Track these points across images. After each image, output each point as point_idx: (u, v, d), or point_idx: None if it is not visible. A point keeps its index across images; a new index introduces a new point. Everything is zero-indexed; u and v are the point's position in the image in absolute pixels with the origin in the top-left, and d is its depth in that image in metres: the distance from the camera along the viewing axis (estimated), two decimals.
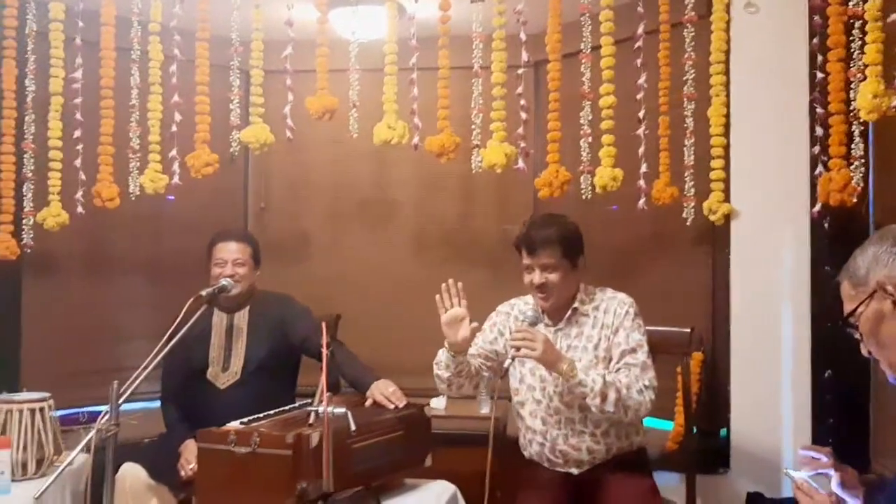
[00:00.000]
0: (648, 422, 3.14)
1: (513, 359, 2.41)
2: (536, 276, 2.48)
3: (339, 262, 4.14)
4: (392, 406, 2.55)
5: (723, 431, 3.20)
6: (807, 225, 3.01)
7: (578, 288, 2.55)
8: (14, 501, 2.57)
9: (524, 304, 2.62)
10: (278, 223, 4.20)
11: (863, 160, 2.77)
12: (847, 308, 1.63)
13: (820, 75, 2.87)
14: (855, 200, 2.79)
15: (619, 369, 2.41)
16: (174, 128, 3.48)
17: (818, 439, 2.97)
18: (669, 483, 2.92)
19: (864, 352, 1.63)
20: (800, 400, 3.03)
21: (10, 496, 2.60)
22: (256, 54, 3.48)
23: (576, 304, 2.52)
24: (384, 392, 2.58)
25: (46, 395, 2.84)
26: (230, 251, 2.96)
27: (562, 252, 2.47)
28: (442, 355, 2.53)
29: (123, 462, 2.72)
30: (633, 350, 2.42)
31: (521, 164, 3.36)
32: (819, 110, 2.88)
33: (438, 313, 2.51)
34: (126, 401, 2.22)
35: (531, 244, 2.48)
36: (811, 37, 2.94)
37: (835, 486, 1.76)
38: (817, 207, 2.90)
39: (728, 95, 3.13)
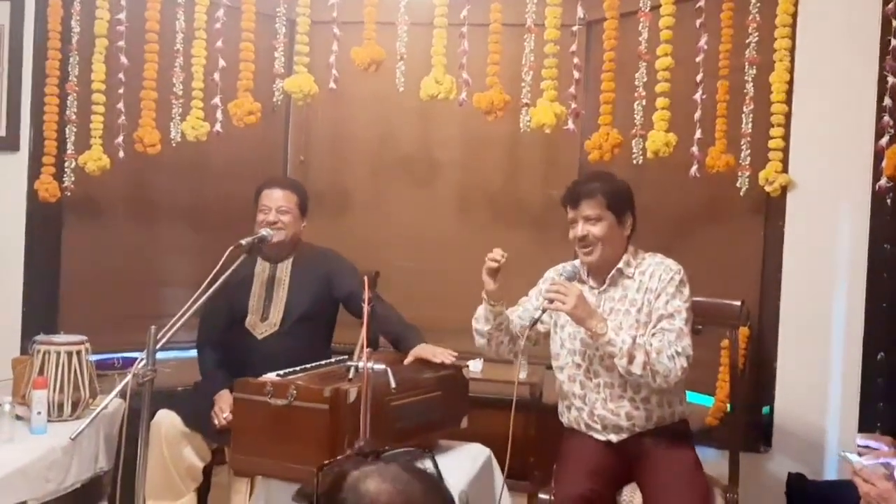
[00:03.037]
0: (689, 396, 3.07)
1: (544, 310, 2.40)
2: (579, 229, 2.44)
3: (379, 218, 4.08)
4: (439, 360, 2.50)
5: (765, 409, 3.12)
6: (867, 200, 2.89)
7: (626, 249, 2.47)
8: (49, 441, 2.60)
9: (571, 267, 2.56)
10: (318, 177, 4.13)
11: None
12: None
13: (894, 42, 2.72)
14: None
15: (654, 334, 2.35)
16: (217, 75, 3.43)
17: (865, 423, 2.88)
18: (708, 458, 2.85)
19: None
20: (849, 381, 2.93)
21: (45, 435, 2.63)
22: (304, 1, 3.40)
23: (620, 265, 2.45)
24: (432, 349, 2.53)
25: (83, 338, 2.85)
26: (275, 198, 2.91)
27: (606, 204, 2.42)
28: (480, 309, 2.54)
29: (159, 408, 2.71)
30: (671, 315, 2.35)
31: (570, 124, 3.26)
32: (891, 79, 2.74)
33: (479, 273, 2.47)
34: (161, 348, 2.20)
35: (575, 196, 2.45)
36: (886, 1, 2.79)
37: None
38: (882, 181, 2.77)
39: (792, 61, 2.99)
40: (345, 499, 0.99)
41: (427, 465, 1.08)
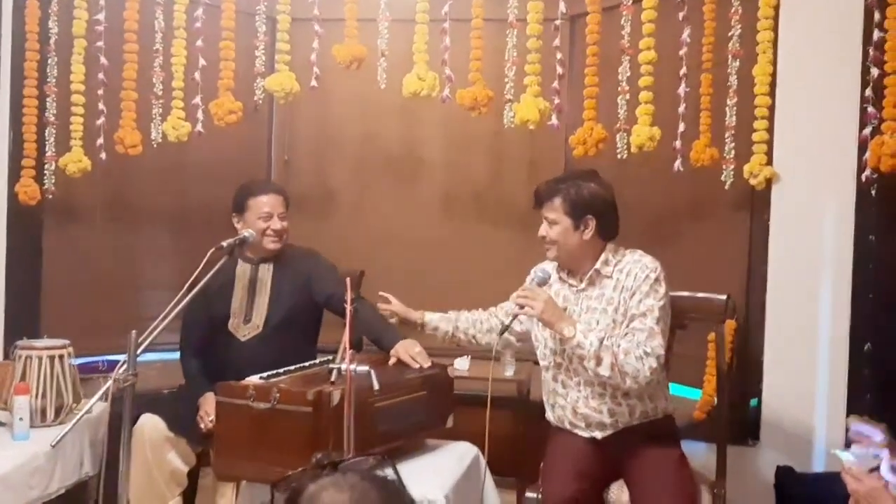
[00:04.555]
0: (676, 390, 3.07)
1: (514, 316, 2.46)
2: (541, 228, 2.48)
3: (363, 218, 4.05)
4: (417, 366, 2.49)
5: (753, 402, 3.11)
6: (852, 191, 2.88)
7: (602, 248, 2.47)
8: (32, 447, 2.57)
9: (541, 272, 2.56)
10: (302, 176, 4.11)
11: None
12: None
13: (877, 33, 2.71)
14: None
15: (625, 334, 2.34)
16: (197, 74, 3.40)
17: (853, 415, 2.88)
18: (696, 452, 2.85)
19: None
20: (836, 373, 2.93)
21: (28, 441, 2.60)
22: None
23: (597, 266, 2.45)
24: (410, 352, 2.52)
25: (66, 342, 2.81)
26: (274, 204, 2.86)
27: (563, 209, 2.42)
28: None
29: (142, 412, 2.69)
30: (643, 315, 2.34)
31: (554, 120, 3.24)
32: (874, 70, 2.73)
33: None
34: (145, 351, 2.18)
35: (537, 197, 2.50)
36: None
37: (885, 471, 1.66)
38: (867, 173, 2.76)
39: (775, 53, 2.98)
40: None
41: (388, 472, 1.07)
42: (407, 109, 3.84)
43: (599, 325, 2.39)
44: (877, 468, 1.71)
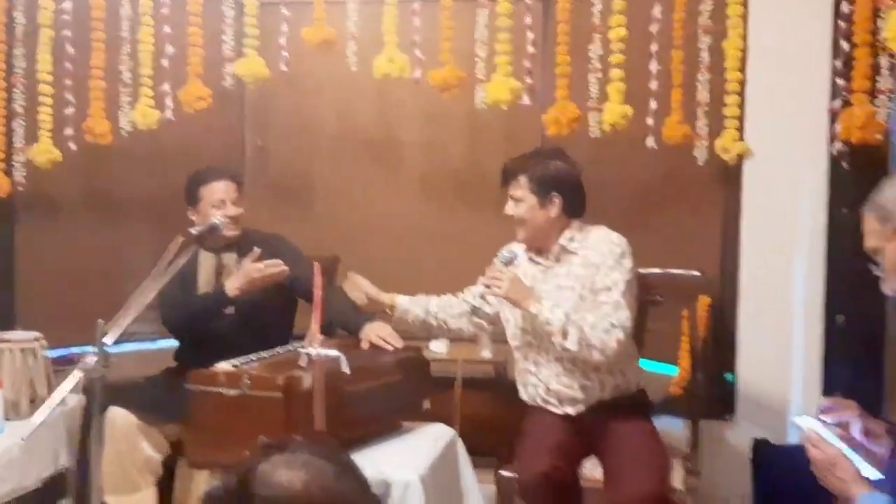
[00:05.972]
0: (652, 366, 3.07)
1: (482, 297, 2.52)
2: (507, 206, 2.49)
3: (341, 201, 4.00)
4: (390, 348, 2.48)
5: (728, 377, 3.13)
6: (825, 164, 2.89)
7: (568, 225, 2.47)
8: (6, 441, 2.55)
9: (508, 253, 2.56)
10: (277, 162, 4.06)
11: (892, 94, 2.63)
12: (869, 243, 1.55)
13: (846, 6, 2.70)
14: (880, 137, 2.66)
15: (592, 308, 2.35)
16: (165, 61, 3.35)
17: (828, 387, 2.90)
18: (673, 428, 2.86)
19: (885, 290, 1.55)
20: (810, 346, 2.95)
21: (2, 435, 2.58)
22: None
23: (562, 242, 2.46)
24: (380, 334, 2.51)
25: (38, 334, 2.80)
26: (227, 191, 2.83)
27: (528, 187, 2.46)
28: None
29: (117, 403, 2.66)
30: (609, 289, 2.37)
31: (526, 99, 3.22)
32: (844, 43, 2.72)
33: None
34: (121, 342, 2.15)
35: (503, 176, 2.53)
36: None
37: (856, 432, 1.68)
38: (838, 145, 2.76)
39: (745, 28, 2.96)
40: (256, 495, 0.96)
41: (339, 452, 1.06)
42: (382, 91, 3.80)
43: (567, 302, 2.39)
44: (845, 435, 1.72)
